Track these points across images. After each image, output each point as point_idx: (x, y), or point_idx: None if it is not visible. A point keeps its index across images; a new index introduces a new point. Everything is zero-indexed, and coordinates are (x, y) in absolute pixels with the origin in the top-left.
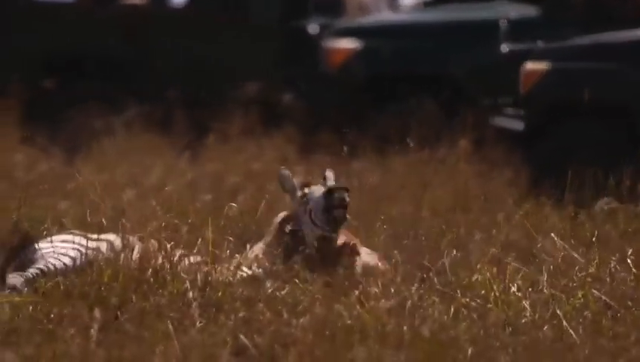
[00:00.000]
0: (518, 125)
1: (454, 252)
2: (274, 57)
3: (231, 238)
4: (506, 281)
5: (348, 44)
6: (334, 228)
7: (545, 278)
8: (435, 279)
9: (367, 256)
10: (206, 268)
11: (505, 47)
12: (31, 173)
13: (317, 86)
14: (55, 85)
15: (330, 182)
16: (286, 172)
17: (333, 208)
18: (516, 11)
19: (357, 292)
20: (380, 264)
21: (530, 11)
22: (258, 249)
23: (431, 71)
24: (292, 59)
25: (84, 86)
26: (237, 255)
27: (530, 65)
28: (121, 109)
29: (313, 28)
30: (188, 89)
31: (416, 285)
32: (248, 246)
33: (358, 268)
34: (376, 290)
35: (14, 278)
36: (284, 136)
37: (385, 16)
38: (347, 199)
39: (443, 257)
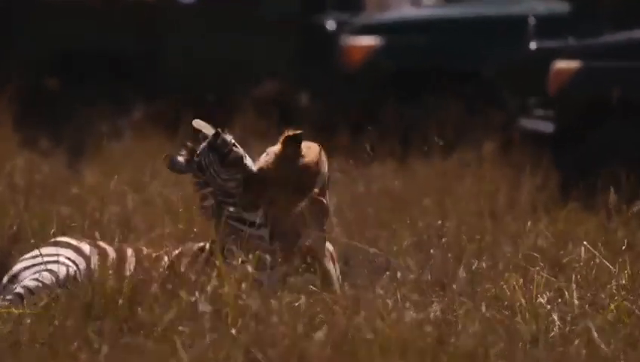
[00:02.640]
0: (547, 127)
1: (480, 261)
2: (290, 54)
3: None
4: (534, 292)
5: (368, 40)
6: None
7: (575, 289)
8: (460, 290)
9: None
10: (215, 279)
11: (533, 45)
12: (32, 177)
13: (335, 85)
14: (58, 84)
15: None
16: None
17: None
18: (545, 7)
19: (378, 303)
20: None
21: (559, 7)
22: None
23: (455, 69)
24: (309, 56)
25: (89, 85)
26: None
27: (561, 64)
28: (128, 109)
29: (331, 24)
30: (198, 88)
31: (440, 296)
32: None
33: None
34: (399, 302)
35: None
36: None
37: (406, 11)
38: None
39: (468, 266)
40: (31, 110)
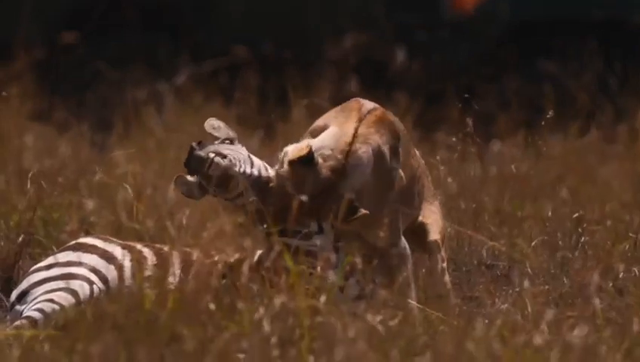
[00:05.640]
0: None
1: (630, 266)
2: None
3: None
4: None
5: None
6: None
7: None
8: (605, 303)
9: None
10: (284, 291)
11: None
12: (46, 160)
13: (440, 38)
14: (80, 40)
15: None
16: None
17: None
18: None
19: (497, 322)
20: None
21: None
22: None
23: (595, 17)
24: (407, 2)
25: (118, 40)
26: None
27: None
28: (171, 71)
29: None
30: (261, 43)
31: (579, 312)
32: None
33: None
34: (526, 319)
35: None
36: (395, 106)
37: None
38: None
39: (615, 274)
40: (44, 74)
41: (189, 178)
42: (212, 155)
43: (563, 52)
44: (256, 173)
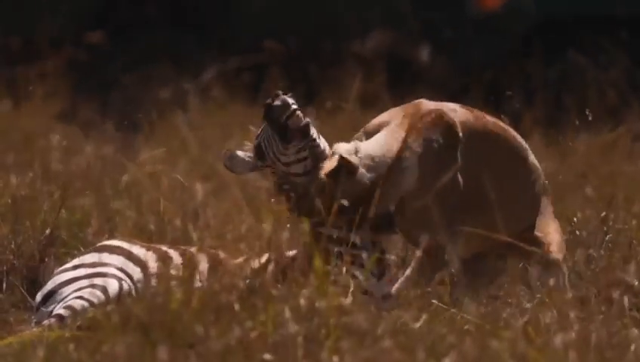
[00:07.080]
0: None
1: None
2: None
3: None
4: None
5: None
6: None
7: None
8: (631, 303)
9: None
10: (310, 289)
11: None
12: (71, 160)
13: (464, 36)
14: (105, 39)
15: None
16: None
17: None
18: None
19: (523, 321)
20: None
21: None
22: None
23: (622, 14)
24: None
25: (142, 39)
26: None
27: None
28: (196, 69)
29: None
30: (286, 41)
31: (604, 310)
32: None
33: None
34: (553, 319)
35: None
36: None
37: None
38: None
39: None
40: (69, 73)
41: (238, 153)
42: (295, 107)
43: (589, 48)
44: (322, 146)
